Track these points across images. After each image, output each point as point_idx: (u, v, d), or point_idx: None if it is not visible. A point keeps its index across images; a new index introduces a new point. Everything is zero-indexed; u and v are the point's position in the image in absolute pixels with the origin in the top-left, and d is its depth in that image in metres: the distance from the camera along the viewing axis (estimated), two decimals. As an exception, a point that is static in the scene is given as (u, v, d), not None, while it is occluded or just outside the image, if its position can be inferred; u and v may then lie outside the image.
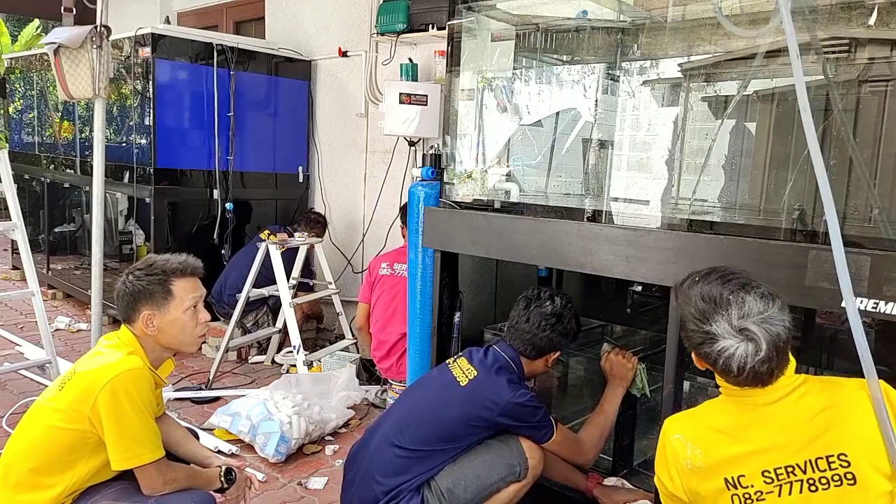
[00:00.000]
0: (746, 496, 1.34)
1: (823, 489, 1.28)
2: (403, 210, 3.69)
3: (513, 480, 2.07)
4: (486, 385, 2.08)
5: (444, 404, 2.10)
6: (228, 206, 4.56)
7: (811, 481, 1.29)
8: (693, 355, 1.46)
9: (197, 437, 2.26)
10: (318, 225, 4.51)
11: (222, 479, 2.04)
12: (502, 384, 2.07)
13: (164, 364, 2.03)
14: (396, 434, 2.09)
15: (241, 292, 3.91)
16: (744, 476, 1.35)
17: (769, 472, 1.33)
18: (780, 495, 1.31)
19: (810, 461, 1.30)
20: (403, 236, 3.78)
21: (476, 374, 2.11)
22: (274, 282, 3.87)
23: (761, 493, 1.33)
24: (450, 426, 2.06)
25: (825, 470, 1.28)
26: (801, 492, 1.30)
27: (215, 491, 2.03)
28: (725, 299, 1.37)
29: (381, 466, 2.06)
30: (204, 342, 3.11)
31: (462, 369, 2.15)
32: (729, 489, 1.36)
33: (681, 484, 1.43)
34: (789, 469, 1.31)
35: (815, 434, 1.31)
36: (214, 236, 4.51)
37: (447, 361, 2.27)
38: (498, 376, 2.10)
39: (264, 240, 4.28)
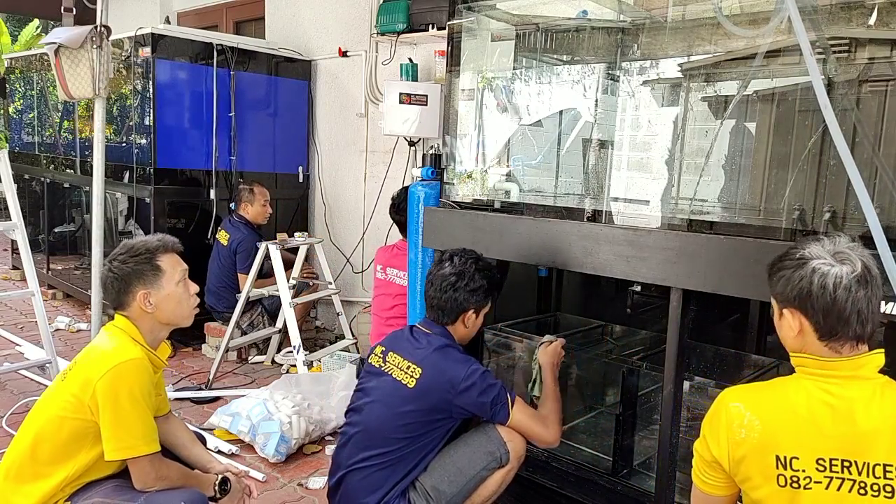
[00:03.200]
0: (794, 479, 1.30)
1: (873, 496, 1.25)
2: (395, 208, 3.65)
3: (496, 467, 2.07)
4: (436, 375, 2.02)
5: (398, 409, 2.04)
6: (232, 205, 4.57)
7: (862, 484, 1.26)
8: (787, 315, 1.39)
9: (204, 442, 2.25)
10: (242, 193, 4.37)
11: (216, 488, 2.01)
12: (451, 366, 2.03)
13: (161, 346, 2.03)
14: (362, 453, 2.06)
15: (239, 293, 3.91)
16: (797, 459, 1.30)
17: (824, 461, 1.29)
18: (827, 488, 1.28)
19: (868, 464, 1.26)
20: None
21: (421, 371, 2.04)
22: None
23: (810, 479, 1.29)
24: (412, 426, 2.03)
25: (879, 477, 1.25)
26: (849, 491, 1.27)
27: (208, 498, 2.01)
28: (816, 238, 1.38)
29: (361, 489, 2.04)
30: (196, 318, 3.06)
31: (402, 369, 2.08)
32: (777, 467, 1.32)
33: (727, 451, 1.38)
34: (846, 464, 1.27)
35: (885, 439, 1.27)
36: (209, 236, 4.52)
37: (373, 364, 2.18)
38: (443, 359, 2.05)
39: (217, 238, 4.31)
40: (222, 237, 4.30)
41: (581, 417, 2.89)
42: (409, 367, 2.07)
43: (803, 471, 1.30)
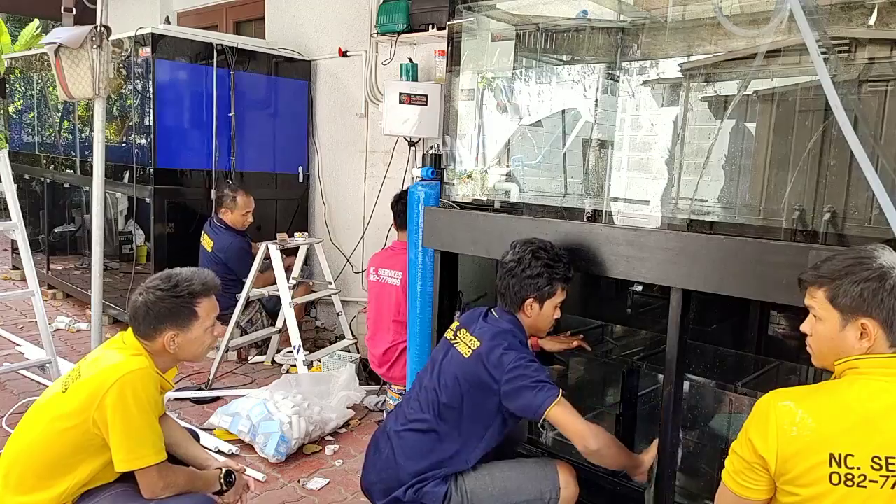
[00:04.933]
0: (848, 476, 1.29)
1: None
2: (396, 206, 3.62)
3: None
4: (490, 350, 2.03)
5: (452, 376, 2.07)
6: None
7: None
8: (857, 324, 1.37)
9: (197, 438, 2.26)
10: (222, 198, 4.25)
11: (222, 481, 2.03)
12: (508, 348, 2.02)
13: (170, 371, 2.04)
14: (416, 414, 2.10)
15: (225, 293, 3.90)
16: (852, 456, 1.29)
17: (880, 459, 1.28)
18: (882, 487, 1.27)
19: None
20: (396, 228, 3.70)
21: (479, 343, 2.07)
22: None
23: (864, 477, 1.28)
24: (461, 398, 2.04)
25: None
26: None
27: (214, 493, 2.03)
28: (867, 251, 1.39)
29: (404, 449, 2.07)
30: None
31: (465, 342, 2.11)
32: (831, 465, 1.30)
33: (776, 449, 1.36)
34: None
35: None
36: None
37: (448, 337, 2.22)
38: (502, 339, 2.05)
39: (201, 243, 4.26)
40: (206, 242, 4.24)
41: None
42: (470, 340, 2.10)
43: (858, 468, 1.29)
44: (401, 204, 3.49)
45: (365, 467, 2.20)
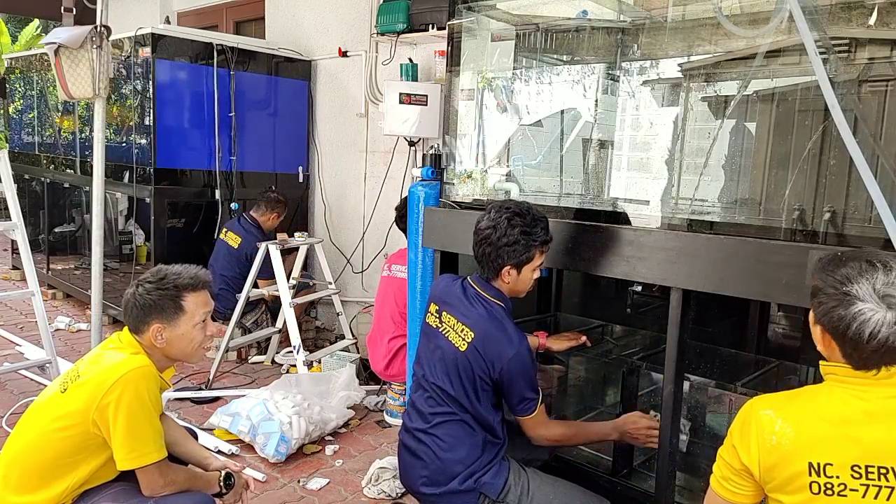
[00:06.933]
0: (828, 486, 1.28)
1: None
2: (401, 219, 3.62)
3: None
4: (485, 344, 2.00)
5: (451, 370, 2.05)
6: (234, 205, 4.57)
7: None
8: (818, 329, 1.38)
9: (195, 436, 2.26)
10: (278, 205, 4.44)
11: (221, 483, 2.03)
12: (502, 339, 1.99)
13: (167, 370, 2.04)
14: (435, 409, 2.08)
15: (240, 292, 3.91)
16: (831, 465, 1.28)
17: (859, 468, 1.27)
18: (864, 496, 1.26)
19: None
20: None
21: (473, 335, 2.02)
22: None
23: (844, 486, 1.27)
24: (463, 392, 2.04)
25: None
26: (887, 499, 1.25)
27: (213, 495, 2.03)
28: (874, 265, 1.33)
29: (440, 444, 2.06)
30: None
31: (456, 332, 2.07)
32: (810, 474, 1.29)
33: (758, 458, 1.36)
34: (882, 471, 1.26)
35: None
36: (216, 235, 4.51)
37: (430, 323, 2.16)
38: (495, 329, 2.01)
39: (223, 239, 4.31)
40: (230, 239, 4.27)
41: (581, 417, 2.90)
42: (462, 330, 2.05)
43: (837, 477, 1.28)
44: (403, 222, 3.48)
45: (403, 469, 2.19)
